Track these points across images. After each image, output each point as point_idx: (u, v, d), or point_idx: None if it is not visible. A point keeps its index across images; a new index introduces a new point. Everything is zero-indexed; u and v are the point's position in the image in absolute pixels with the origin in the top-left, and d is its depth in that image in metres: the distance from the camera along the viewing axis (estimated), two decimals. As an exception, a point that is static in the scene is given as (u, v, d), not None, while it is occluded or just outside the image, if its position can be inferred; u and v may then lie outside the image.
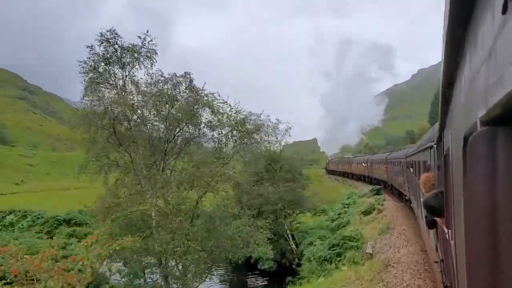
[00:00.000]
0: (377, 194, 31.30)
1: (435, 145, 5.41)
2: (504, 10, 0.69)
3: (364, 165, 41.96)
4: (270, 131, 22.37)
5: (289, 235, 29.17)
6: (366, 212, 25.80)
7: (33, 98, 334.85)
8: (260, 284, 26.93)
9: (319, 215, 33.04)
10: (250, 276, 27.68)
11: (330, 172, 75.28)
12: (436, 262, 6.11)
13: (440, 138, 4.42)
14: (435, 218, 4.00)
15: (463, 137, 1.36)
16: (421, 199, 6.46)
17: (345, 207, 30.58)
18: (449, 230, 2.92)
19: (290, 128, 25.80)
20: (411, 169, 13.55)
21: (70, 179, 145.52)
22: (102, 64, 16.94)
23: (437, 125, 4.73)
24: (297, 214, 31.49)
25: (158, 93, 16.82)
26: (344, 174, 59.25)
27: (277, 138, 25.24)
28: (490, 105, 0.85)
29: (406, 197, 18.72)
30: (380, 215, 23.28)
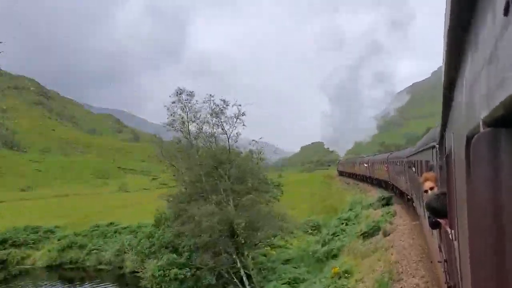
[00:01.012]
0: (387, 204, 23.71)
1: (437, 145, 5.33)
2: (506, 12, 0.69)
3: (365, 165, 41.44)
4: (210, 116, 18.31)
5: (244, 277, 20.53)
6: (368, 234, 18.23)
7: (49, 104, 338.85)
8: None
9: (311, 234, 25.72)
10: None
11: (341, 173, 70.35)
12: (439, 262, 6.08)
13: (441, 139, 4.46)
14: (438, 219, 3.89)
15: (465, 138, 1.35)
16: (423, 198, 6.69)
17: (343, 223, 23.08)
18: (452, 231, 2.92)
19: (243, 114, 19.27)
20: (413, 169, 13.34)
21: (75, 185, 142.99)
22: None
23: (438, 126, 4.82)
24: (255, 245, 22.28)
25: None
26: (350, 175, 57.20)
27: (223, 128, 19.33)
28: (492, 106, 0.84)
29: (408, 197, 18.61)
30: (385, 242, 16.00)
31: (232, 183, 22.09)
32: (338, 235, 21.47)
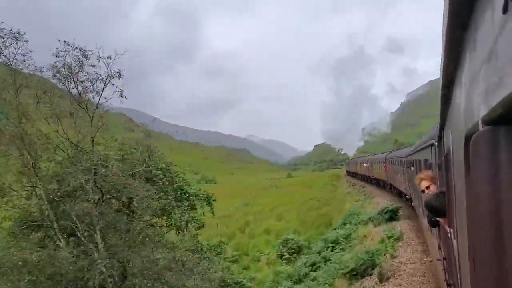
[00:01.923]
0: (392, 218, 17.13)
1: (436, 143, 5.25)
2: (505, 10, 0.69)
3: (365, 165, 41.01)
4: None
5: None
6: (357, 273, 11.84)
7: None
8: None
9: (288, 259, 19.26)
10: None
11: (348, 173, 66.69)
12: (438, 260, 6.00)
13: (440, 138, 4.43)
14: (437, 218, 3.95)
15: (464, 136, 1.35)
16: (421, 197, 6.62)
17: (329, 247, 16.63)
18: (451, 230, 2.92)
19: (118, 75, 13.19)
20: (412, 168, 13.04)
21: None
22: None
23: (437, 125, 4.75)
24: None
25: None
26: (355, 175, 55.59)
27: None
28: (491, 105, 0.85)
29: (407, 196, 18.15)
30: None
31: (104, 201, 12.54)
32: (318, 267, 15.04)
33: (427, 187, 4.60)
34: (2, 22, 12.89)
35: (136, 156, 14.49)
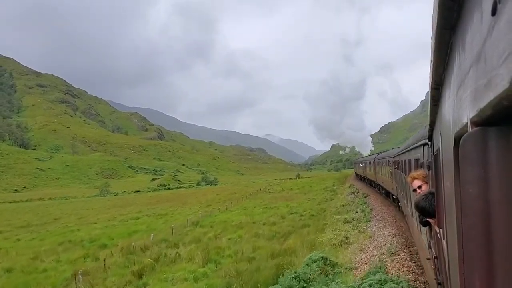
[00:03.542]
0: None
1: (429, 143, 5.13)
2: (494, 12, 0.70)
3: (361, 165, 42.04)
4: None
5: None
6: None
7: (74, 102, 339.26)
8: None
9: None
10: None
11: (356, 175, 59.62)
12: (428, 259, 6.02)
13: (429, 138, 4.46)
14: (427, 219, 3.88)
15: (453, 137, 1.36)
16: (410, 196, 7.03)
17: None
18: (441, 230, 2.93)
19: None
20: (399, 168, 13.24)
21: (76, 185, 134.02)
22: None
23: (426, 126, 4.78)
24: None
25: None
26: (357, 176, 53.79)
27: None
28: (481, 106, 0.85)
29: (394, 196, 18.14)
30: None
31: None
32: None
33: (419, 187, 4.57)
34: None
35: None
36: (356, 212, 22.89)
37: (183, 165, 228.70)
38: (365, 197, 29.85)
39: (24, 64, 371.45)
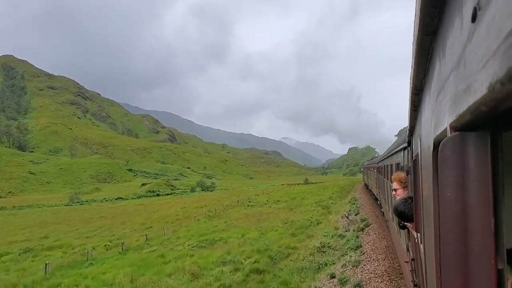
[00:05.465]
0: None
1: (408, 147, 5.14)
2: (474, 19, 0.71)
3: (361, 169, 46.14)
4: None
5: None
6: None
7: (85, 104, 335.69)
8: None
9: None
10: None
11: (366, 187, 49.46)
12: (406, 262, 6.07)
13: (409, 143, 4.43)
14: (405, 223, 3.92)
15: (432, 142, 1.37)
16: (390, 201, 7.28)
17: None
18: (419, 234, 2.92)
19: None
20: (381, 174, 13.42)
21: (67, 189, 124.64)
22: None
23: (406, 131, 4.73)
24: None
25: None
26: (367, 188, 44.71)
27: None
28: (460, 111, 0.86)
29: (378, 202, 18.47)
30: None
31: None
32: None
33: (395, 190, 4.61)
34: None
35: None
36: (338, 264, 11.74)
37: (188, 168, 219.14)
38: (362, 229, 17.90)
39: (38, 67, 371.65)
